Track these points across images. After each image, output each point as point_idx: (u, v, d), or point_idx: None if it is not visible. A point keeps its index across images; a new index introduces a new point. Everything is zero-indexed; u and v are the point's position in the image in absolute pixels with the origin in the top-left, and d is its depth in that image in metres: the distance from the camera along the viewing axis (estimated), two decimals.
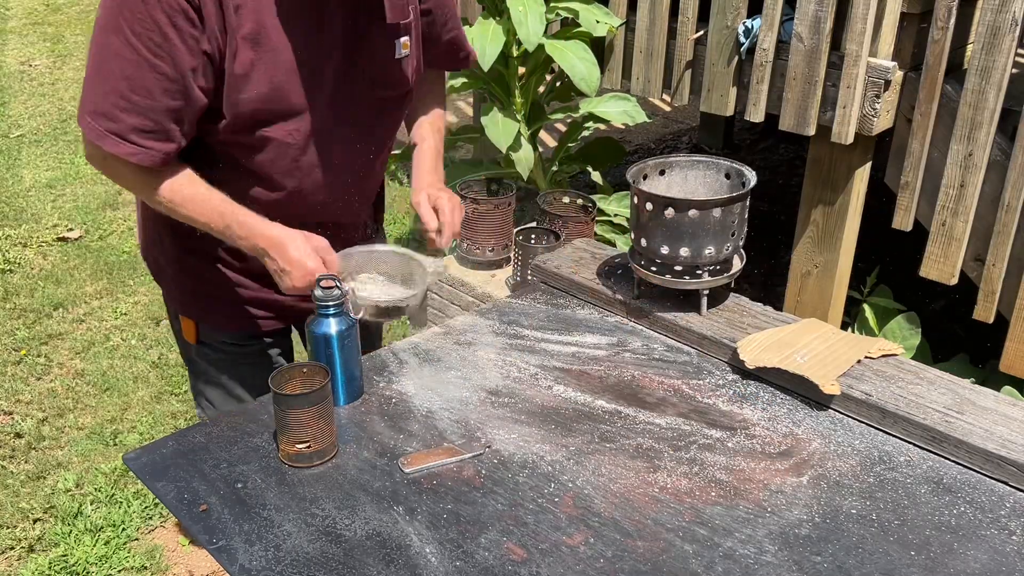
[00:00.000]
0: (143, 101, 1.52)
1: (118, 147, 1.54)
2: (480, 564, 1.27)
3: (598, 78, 3.25)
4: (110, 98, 1.52)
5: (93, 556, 2.64)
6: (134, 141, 1.54)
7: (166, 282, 1.90)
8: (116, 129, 1.53)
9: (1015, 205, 2.58)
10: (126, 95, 1.51)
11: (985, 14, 2.53)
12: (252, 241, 1.62)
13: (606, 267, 1.97)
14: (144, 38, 1.48)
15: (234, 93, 1.57)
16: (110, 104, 1.52)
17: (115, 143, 1.54)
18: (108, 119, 1.53)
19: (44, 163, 5.27)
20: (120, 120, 1.53)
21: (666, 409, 1.59)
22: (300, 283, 1.62)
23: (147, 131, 1.54)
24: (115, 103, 1.52)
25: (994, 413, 1.51)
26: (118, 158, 1.56)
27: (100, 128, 1.54)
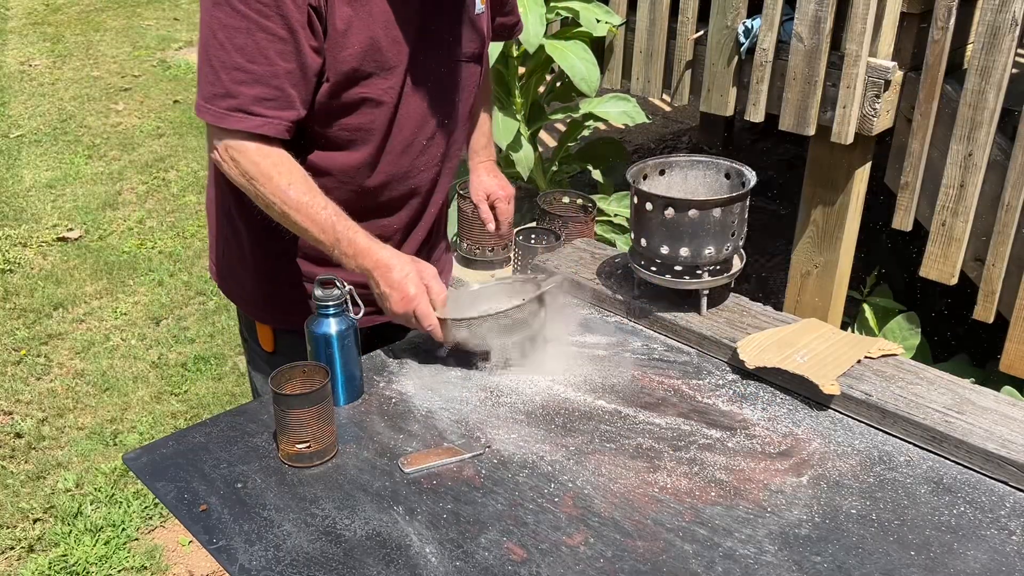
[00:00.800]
0: (261, 68, 1.50)
1: (244, 122, 1.52)
2: (480, 564, 1.27)
3: (598, 78, 3.25)
4: (227, 75, 1.50)
5: (93, 556, 2.64)
6: (258, 112, 1.52)
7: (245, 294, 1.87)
8: (238, 104, 1.51)
9: (1015, 205, 2.58)
10: (243, 66, 1.50)
11: (985, 14, 2.53)
12: (358, 260, 1.59)
13: (606, 267, 1.97)
14: (251, 3, 1.47)
15: (336, 50, 1.55)
16: (228, 81, 1.51)
17: (240, 119, 1.52)
18: (229, 97, 1.51)
19: (44, 163, 5.27)
20: (241, 94, 1.51)
21: (666, 409, 1.59)
22: (399, 308, 1.59)
23: (269, 99, 1.52)
24: (233, 78, 1.50)
25: (994, 413, 1.51)
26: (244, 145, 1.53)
27: (221, 109, 1.52)
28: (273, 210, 1.59)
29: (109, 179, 5.08)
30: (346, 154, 1.67)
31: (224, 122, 1.53)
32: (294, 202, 1.57)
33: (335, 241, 1.59)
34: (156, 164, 5.27)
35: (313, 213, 1.58)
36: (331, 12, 1.53)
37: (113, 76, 6.59)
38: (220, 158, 1.58)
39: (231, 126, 1.53)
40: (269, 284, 1.83)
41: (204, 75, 1.54)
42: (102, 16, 7.92)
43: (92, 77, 6.56)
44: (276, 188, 1.56)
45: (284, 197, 1.56)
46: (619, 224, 3.47)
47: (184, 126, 5.78)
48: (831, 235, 3.17)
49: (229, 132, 1.55)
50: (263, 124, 1.54)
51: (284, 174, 1.57)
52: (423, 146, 1.74)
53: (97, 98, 6.20)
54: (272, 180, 1.56)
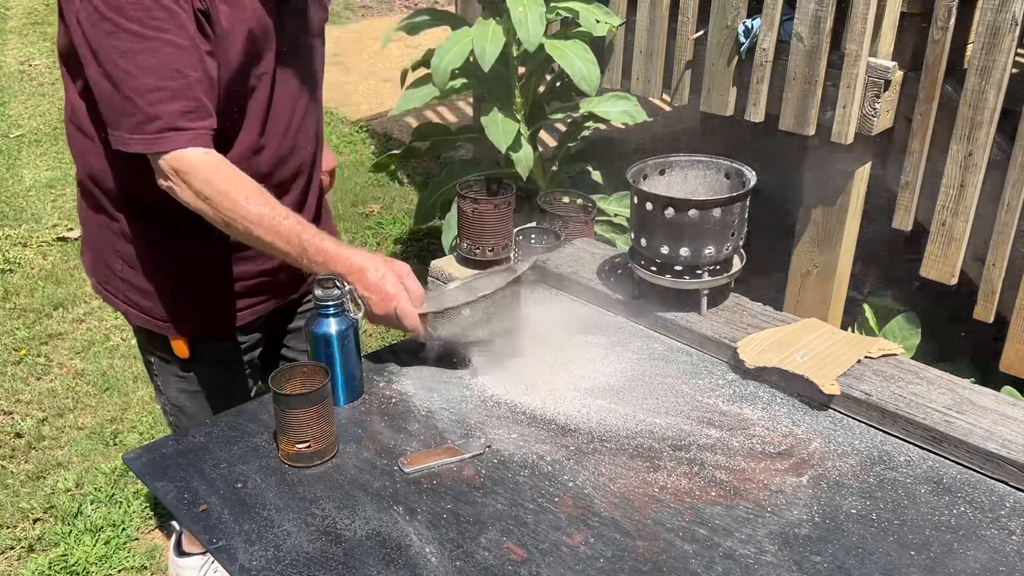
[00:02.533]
0: (175, 83, 1.49)
1: (176, 139, 1.50)
2: (480, 564, 1.27)
3: (598, 78, 3.24)
4: (144, 99, 1.48)
5: (93, 556, 2.64)
6: (186, 127, 1.50)
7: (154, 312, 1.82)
8: (165, 124, 1.49)
9: (1015, 205, 2.58)
10: (158, 86, 1.48)
11: (985, 14, 2.53)
12: (330, 267, 1.58)
13: (606, 267, 1.97)
14: (146, 22, 1.45)
15: (224, 49, 1.56)
16: (146, 105, 1.48)
17: (172, 138, 1.50)
18: (155, 119, 1.49)
19: (44, 163, 5.27)
20: (165, 113, 1.49)
21: (666, 409, 1.59)
22: (379, 310, 1.58)
23: (191, 111, 1.51)
24: (150, 101, 1.48)
25: (994, 413, 1.51)
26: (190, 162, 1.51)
27: (151, 134, 1.50)
28: (234, 228, 1.57)
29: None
30: (237, 144, 1.67)
31: (157, 146, 1.51)
32: (255, 216, 1.55)
33: (302, 251, 1.57)
34: None
35: (276, 225, 1.56)
36: (215, 13, 1.54)
37: None
38: (171, 184, 1.55)
39: (165, 148, 1.51)
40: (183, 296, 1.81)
41: (119, 108, 1.50)
42: None
43: None
44: (235, 204, 1.54)
45: (245, 213, 1.55)
46: (619, 224, 3.47)
47: None
48: (831, 235, 3.16)
49: (166, 155, 1.52)
50: (194, 137, 1.52)
51: (239, 188, 1.55)
52: (300, 122, 1.78)
53: None
54: (229, 196, 1.54)
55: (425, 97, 3.39)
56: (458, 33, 3.25)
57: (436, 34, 3.81)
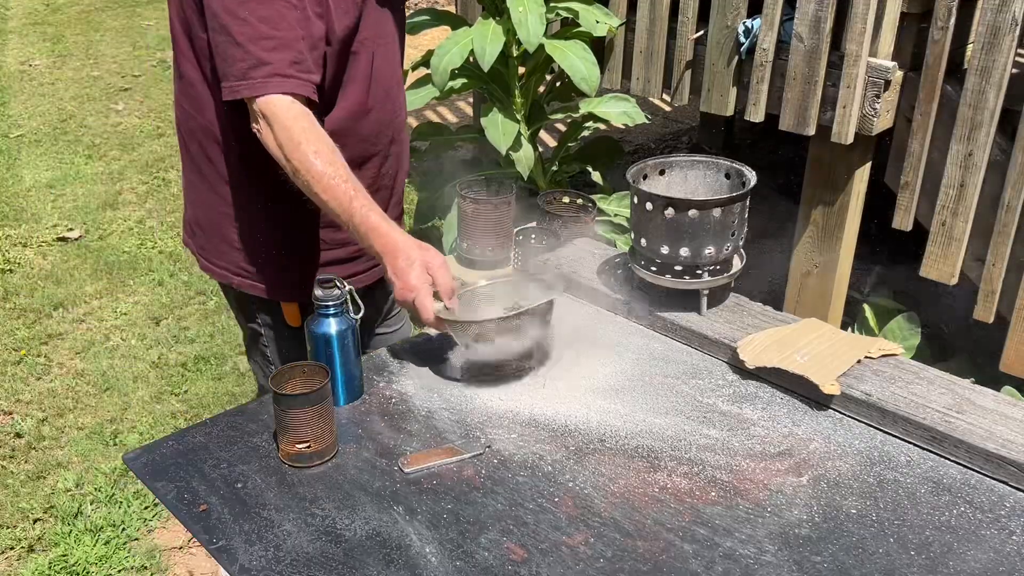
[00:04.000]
0: (285, 34, 1.56)
1: (282, 85, 1.57)
2: (480, 564, 1.27)
3: (598, 78, 3.25)
4: (256, 46, 1.55)
5: (93, 556, 2.64)
6: (293, 75, 1.57)
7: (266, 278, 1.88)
8: (274, 70, 1.56)
9: (1015, 205, 2.58)
10: (269, 34, 1.55)
11: (985, 14, 2.53)
12: (370, 239, 1.61)
13: (606, 267, 1.97)
14: None
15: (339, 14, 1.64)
16: (259, 51, 1.55)
17: (279, 83, 1.56)
18: (264, 64, 1.56)
19: (44, 163, 5.27)
20: (275, 60, 1.56)
21: (666, 409, 1.59)
22: (399, 296, 1.60)
23: (298, 62, 1.58)
24: (263, 47, 1.55)
25: (994, 413, 1.51)
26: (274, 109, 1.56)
27: (259, 78, 1.56)
28: (299, 178, 1.61)
29: (109, 179, 5.08)
30: (343, 107, 1.74)
31: (264, 89, 1.57)
32: (317, 173, 1.59)
33: (350, 217, 1.61)
34: (156, 164, 5.27)
35: (333, 186, 1.59)
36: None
37: (113, 76, 6.59)
38: (258, 127, 1.62)
39: (272, 91, 1.57)
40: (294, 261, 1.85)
41: (231, 55, 1.57)
42: (102, 16, 7.92)
43: (92, 77, 6.56)
44: (303, 156, 1.58)
45: (309, 166, 1.59)
46: (619, 224, 3.47)
47: None
48: (831, 235, 3.17)
49: (260, 98, 1.58)
50: (299, 85, 1.59)
51: (312, 141, 1.59)
52: (398, 87, 1.85)
53: (97, 98, 6.20)
54: (300, 148, 1.58)
55: (425, 97, 3.40)
56: (458, 33, 3.25)
57: (436, 34, 3.81)
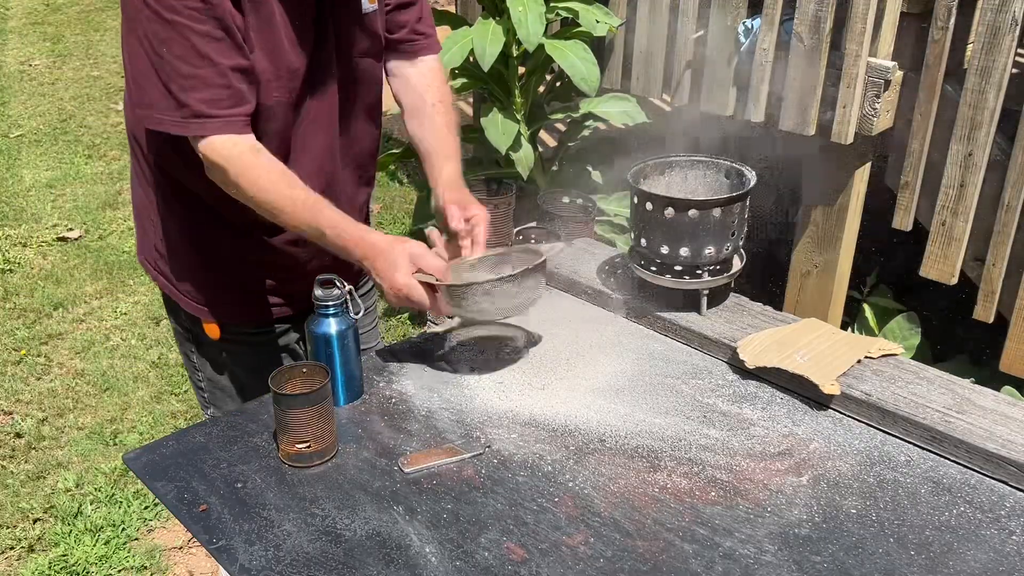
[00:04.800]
0: (204, 71, 1.51)
1: (203, 127, 1.53)
2: (480, 564, 1.27)
3: (598, 78, 3.24)
4: (174, 85, 1.51)
5: (93, 556, 2.64)
6: (214, 114, 1.53)
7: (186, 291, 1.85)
8: (192, 111, 1.52)
9: (1015, 205, 2.58)
10: (188, 73, 1.51)
11: (985, 14, 2.53)
12: (347, 253, 1.59)
13: (606, 267, 1.97)
14: (179, 10, 1.48)
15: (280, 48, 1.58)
16: (176, 90, 1.51)
17: (200, 124, 1.53)
18: (182, 106, 1.52)
19: (44, 163, 5.27)
20: (192, 101, 1.52)
21: (666, 409, 1.59)
22: (391, 300, 1.60)
23: (220, 99, 1.53)
24: (180, 87, 1.51)
25: (994, 413, 1.51)
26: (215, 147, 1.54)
27: (178, 119, 1.53)
28: (264, 208, 1.59)
29: (109, 179, 5.08)
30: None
31: (185, 130, 1.54)
32: (277, 198, 1.57)
33: (321, 236, 1.59)
34: None
35: (296, 211, 1.58)
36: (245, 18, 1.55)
37: (113, 76, 6.59)
38: (213, 176, 1.59)
39: (192, 133, 1.54)
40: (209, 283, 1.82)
41: (150, 88, 1.54)
42: (102, 16, 7.92)
43: (92, 77, 6.56)
44: (262, 191, 1.57)
45: (269, 197, 1.57)
46: (619, 224, 3.47)
47: None
48: (831, 235, 3.16)
49: (199, 140, 1.55)
50: (223, 125, 1.54)
51: (265, 175, 1.57)
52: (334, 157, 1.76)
53: (97, 98, 6.20)
54: (258, 183, 1.56)
55: None
56: (458, 32, 3.25)
57: None
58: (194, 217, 1.76)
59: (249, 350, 1.90)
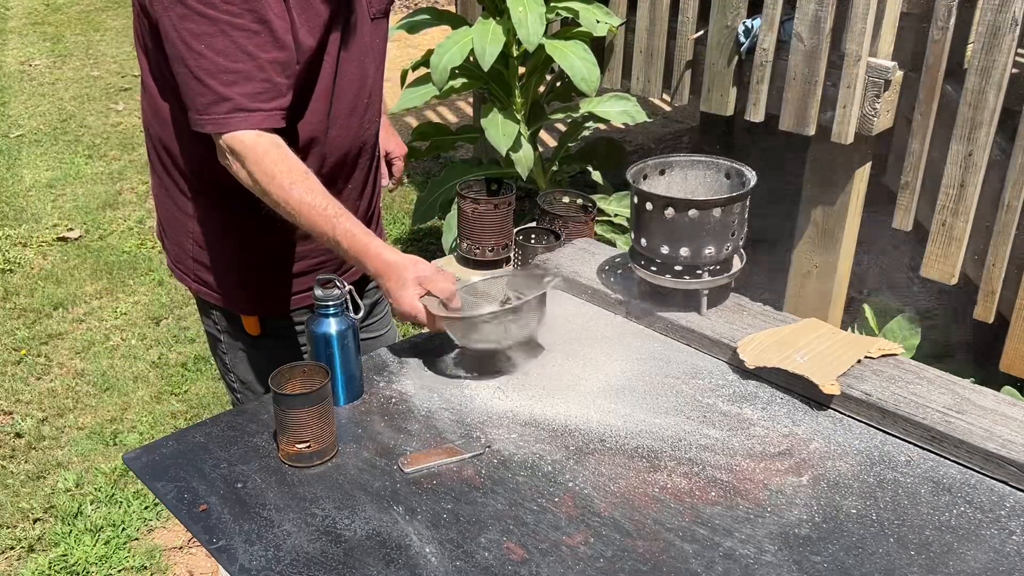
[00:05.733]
0: (244, 65, 1.53)
1: (246, 121, 1.54)
2: (480, 564, 1.27)
3: (598, 78, 3.25)
4: (215, 80, 1.52)
5: (93, 556, 2.65)
6: (256, 108, 1.54)
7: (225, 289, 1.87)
8: (235, 105, 1.53)
9: (1015, 205, 2.58)
10: (228, 68, 1.52)
11: (985, 14, 2.53)
12: (359, 263, 1.63)
13: (606, 267, 1.97)
14: (216, 4, 1.49)
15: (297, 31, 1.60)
16: (218, 85, 1.53)
17: (243, 119, 1.54)
18: (224, 100, 1.53)
19: (44, 163, 5.27)
20: (235, 95, 1.53)
21: (666, 409, 1.59)
22: (396, 309, 1.64)
23: (261, 92, 1.55)
24: (221, 82, 1.52)
25: (994, 413, 1.51)
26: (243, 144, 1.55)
27: (221, 114, 1.54)
28: (280, 209, 1.61)
29: (109, 179, 5.08)
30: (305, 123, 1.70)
31: (228, 126, 1.55)
32: (296, 202, 1.59)
33: (336, 243, 1.61)
34: None
35: (314, 215, 1.60)
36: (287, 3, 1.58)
37: (113, 76, 6.59)
38: (228, 163, 1.60)
39: (235, 128, 1.55)
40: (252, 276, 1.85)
41: (191, 88, 1.55)
42: (102, 16, 7.92)
43: (92, 77, 6.56)
44: (279, 188, 1.58)
45: (287, 197, 1.58)
46: (619, 224, 3.47)
47: None
48: (831, 235, 3.17)
49: (225, 134, 1.56)
50: (264, 119, 1.56)
51: (285, 173, 1.58)
52: (365, 102, 1.80)
53: (97, 98, 6.20)
54: (274, 181, 1.58)
55: (425, 96, 3.40)
56: (458, 32, 3.25)
57: (436, 33, 3.81)
58: (233, 213, 1.77)
59: (286, 344, 1.92)
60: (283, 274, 1.86)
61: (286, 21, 1.57)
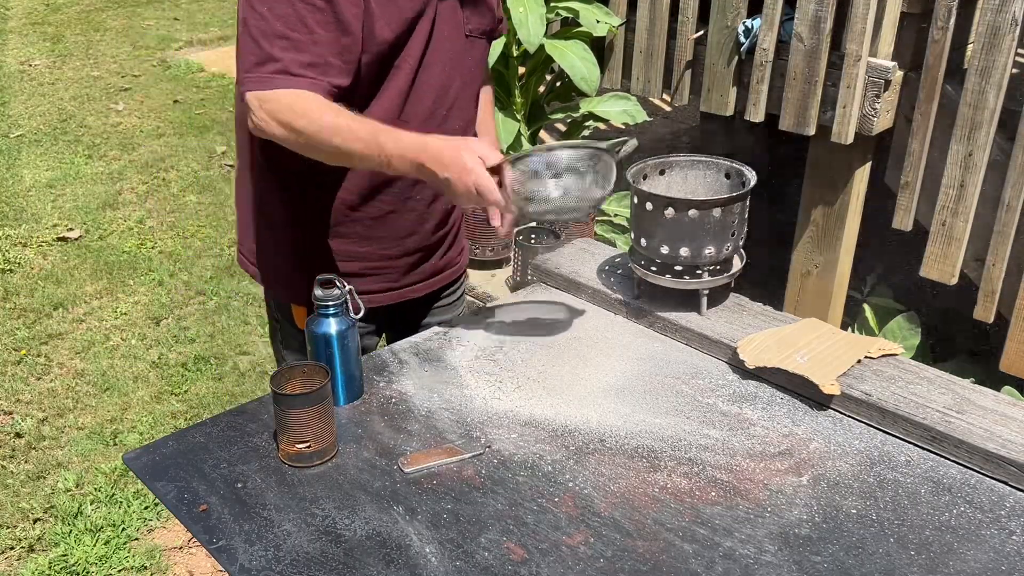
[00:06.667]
0: (302, 36, 1.55)
1: (288, 82, 1.55)
2: (480, 564, 1.27)
3: (598, 78, 3.25)
4: (269, 43, 1.55)
5: (93, 556, 2.65)
6: (302, 74, 1.56)
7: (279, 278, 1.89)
8: (282, 67, 1.55)
9: (1015, 205, 2.58)
10: (284, 34, 1.54)
11: (985, 14, 2.53)
12: (408, 158, 1.56)
13: (606, 267, 1.97)
14: None
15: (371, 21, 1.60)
16: (270, 48, 1.55)
17: (285, 79, 1.55)
18: (272, 61, 1.55)
19: (44, 163, 5.27)
20: (284, 58, 1.55)
21: (666, 409, 1.59)
22: (459, 186, 1.53)
23: (312, 64, 1.56)
24: (276, 46, 1.55)
25: (994, 413, 1.51)
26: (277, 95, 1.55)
27: (266, 73, 1.55)
28: (318, 147, 1.58)
29: (109, 179, 5.08)
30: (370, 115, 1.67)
31: (271, 84, 1.56)
32: (330, 125, 1.56)
33: (380, 151, 1.57)
34: (156, 164, 5.27)
35: (352, 133, 1.57)
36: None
37: (113, 76, 6.59)
38: (260, 119, 1.58)
39: (277, 87, 1.55)
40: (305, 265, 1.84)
41: (246, 48, 1.57)
42: (102, 16, 7.92)
43: (92, 77, 6.56)
44: (311, 121, 1.56)
45: (320, 126, 1.56)
46: (619, 224, 3.47)
47: (184, 126, 5.79)
48: (831, 235, 3.17)
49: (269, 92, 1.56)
50: (310, 84, 1.56)
51: (317, 108, 1.57)
52: (443, 116, 1.77)
53: (97, 98, 6.20)
54: (307, 115, 1.56)
55: None
56: None
57: None
58: (298, 200, 1.79)
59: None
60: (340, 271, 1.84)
61: (358, 8, 1.58)
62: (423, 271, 1.92)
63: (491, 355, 1.74)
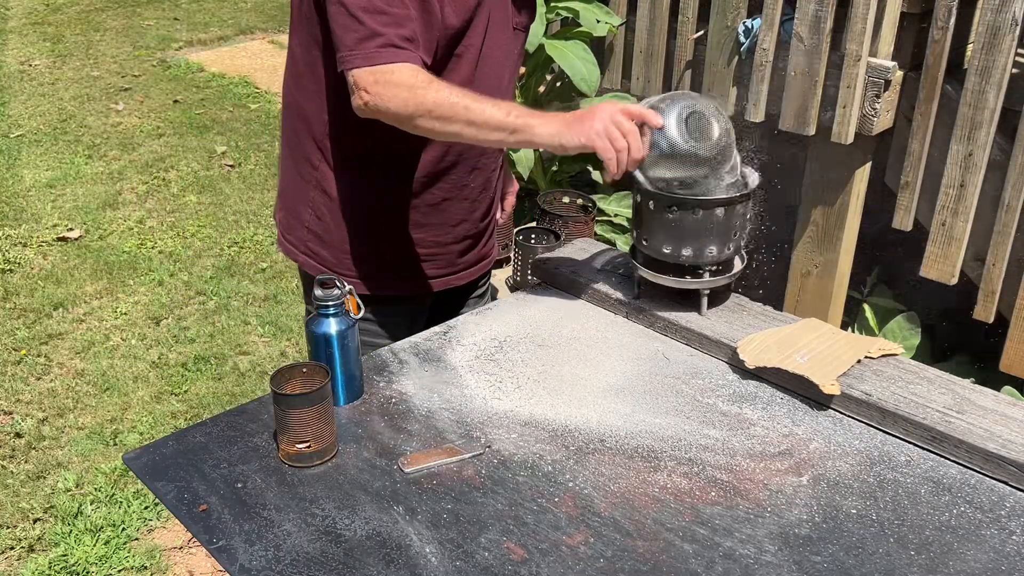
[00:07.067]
0: (399, 11, 1.58)
1: (395, 55, 1.58)
2: (480, 564, 1.27)
3: (598, 78, 3.25)
4: (371, 19, 1.57)
5: (93, 556, 2.64)
6: (405, 47, 1.58)
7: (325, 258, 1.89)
8: (387, 41, 1.57)
9: (1015, 205, 2.58)
10: (384, 10, 1.57)
11: (985, 14, 2.53)
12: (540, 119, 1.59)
13: (606, 267, 1.97)
14: None
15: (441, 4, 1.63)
16: (372, 23, 1.57)
17: (392, 53, 1.58)
18: (377, 36, 1.57)
19: (44, 163, 5.27)
20: (387, 33, 1.58)
21: (666, 409, 1.59)
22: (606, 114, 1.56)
23: (410, 39, 1.59)
24: (377, 21, 1.57)
25: (994, 413, 1.51)
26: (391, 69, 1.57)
27: (372, 48, 1.57)
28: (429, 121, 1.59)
29: (109, 179, 5.08)
30: None
31: (378, 58, 1.57)
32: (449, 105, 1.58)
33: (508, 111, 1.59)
34: (156, 164, 5.27)
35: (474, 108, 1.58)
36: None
37: (113, 76, 6.59)
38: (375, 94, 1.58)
39: (385, 60, 1.57)
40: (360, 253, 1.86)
41: (345, 25, 1.59)
42: (102, 16, 7.92)
43: (92, 77, 6.56)
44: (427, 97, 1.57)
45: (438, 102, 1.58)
46: (619, 224, 3.47)
47: (184, 126, 5.78)
48: (831, 235, 3.17)
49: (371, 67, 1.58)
50: (412, 57, 1.59)
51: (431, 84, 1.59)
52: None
53: (97, 98, 6.20)
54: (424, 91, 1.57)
55: None
56: None
57: None
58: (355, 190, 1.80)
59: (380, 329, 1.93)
60: (394, 256, 1.87)
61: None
62: (468, 259, 1.97)
63: (491, 355, 1.74)
